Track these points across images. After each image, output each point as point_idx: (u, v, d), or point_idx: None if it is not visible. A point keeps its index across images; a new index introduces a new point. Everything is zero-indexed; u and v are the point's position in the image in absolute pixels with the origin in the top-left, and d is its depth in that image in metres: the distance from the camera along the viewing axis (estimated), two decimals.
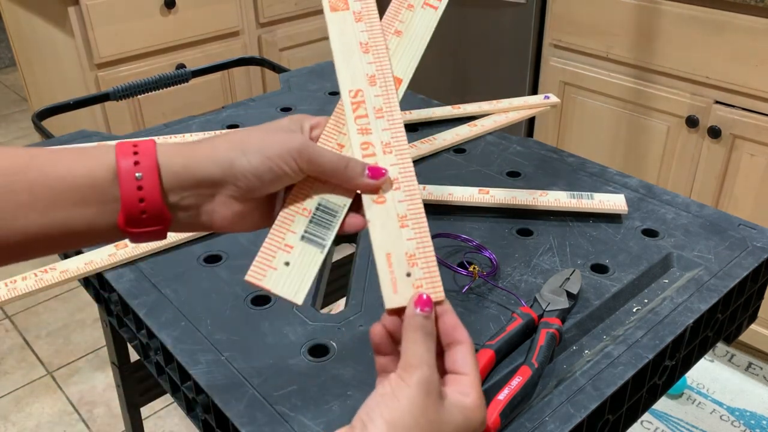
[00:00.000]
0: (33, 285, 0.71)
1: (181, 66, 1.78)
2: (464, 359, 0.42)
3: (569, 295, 0.67)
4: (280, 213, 0.44)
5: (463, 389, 0.41)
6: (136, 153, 0.42)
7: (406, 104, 1.11)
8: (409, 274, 0.42)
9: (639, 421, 1.54)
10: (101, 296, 0.77)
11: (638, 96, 1.61)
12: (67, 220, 0.41)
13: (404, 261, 0.42)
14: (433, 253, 0.42)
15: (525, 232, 0.79)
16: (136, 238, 0.43)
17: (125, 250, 0.75)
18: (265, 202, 0.46)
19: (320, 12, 2.04)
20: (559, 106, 1.77)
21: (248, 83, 1.96)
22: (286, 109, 1.11)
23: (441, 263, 0.73)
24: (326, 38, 1.99)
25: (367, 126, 0.46)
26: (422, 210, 0.43)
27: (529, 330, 0.63)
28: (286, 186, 0.46)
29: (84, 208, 0.41)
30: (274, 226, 0.44)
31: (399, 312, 0.42)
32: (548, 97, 1.07)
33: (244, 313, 0.67)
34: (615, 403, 0.59)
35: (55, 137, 1.03)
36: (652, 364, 0.61)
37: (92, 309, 1.95)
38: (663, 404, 1.60)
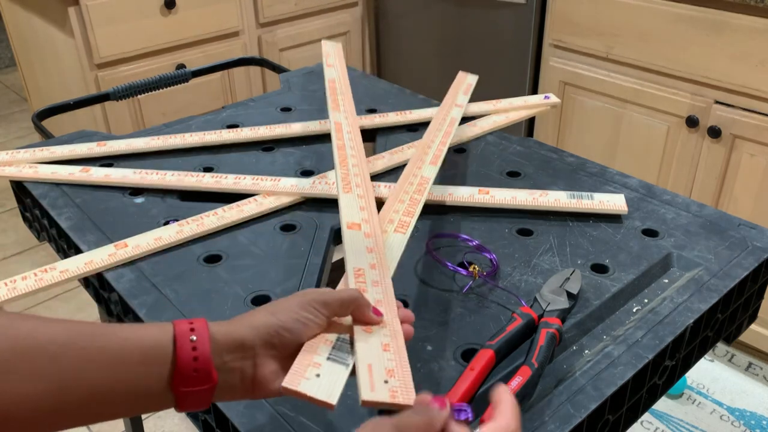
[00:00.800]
0: (33, 285, 0.71)
1: (181, 66, 1.78)
2: None
3: (569, 295, 0.67)
4: (306, 343, 0.51)
5: None
6: (191, 323, 0.48)
7: (406, 104, 1.11)
8: (386, 382, 0.48)
9: (639, 421, 1.54)
10: (101, 296, 0.77)
11: (638, 96, 1.61)
12: (129, 377, 0.46)
13: (383, 373, 0.49)
14: (409, 370, 0.49)
15: (525, 232, 0.79)
16: (183, 400, 0.47)
17: (125, 250, 0.75)
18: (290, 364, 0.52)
19: (320, 12, 2.04)
20: (559, 106, 1.77)
21: (248, 83, 1.96)
22: (286, 109, 1.11)
23: (441, 263, 0.73)
24: (326, 38, 1.98)
25: (364, 287, 0.60)
26: (402, 346, 0.52)
27: (529, 330, 0.63)
28: None
29: (146, 367, 0.46)
30: (301, 352, 0.50)
31: (372, 403, 0.47)
32: (548, 97, 1.07)
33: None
34: (615, 403, 0.59)
35: (55, 137, 1.03)
36: (652, 364, 0.61)
37: (92, 309, 1.95)
38: (663, 404, 1.60)
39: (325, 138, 1.02)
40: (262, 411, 0.56)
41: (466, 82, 1.11)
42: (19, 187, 0.93)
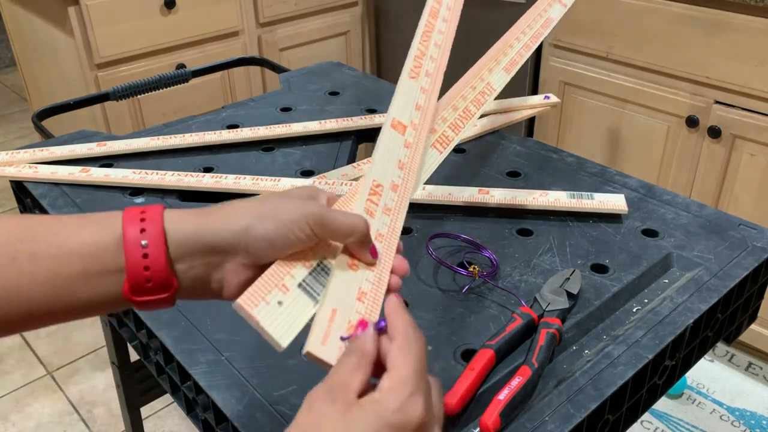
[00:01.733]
0: None
1: (181, 66, 1.78)
2: (390, 359, 0.40)
3: (569, 295, 0.67)
4: (284, 258, 0.44)
5: (381, 385, 0.39)
6: (143, 220, 0.42)
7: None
8: (342, 339, 0.43)
9: (639, 421, 1.54)
10: None
11: (638, 96, 1.61)
12: (70, 290, 0.41)
13: (344, 326, 0.43)
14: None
15: (525, 232, 0.79)
16: (141, 306, 0.42)
17: None
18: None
19: (320, 12, 2.04)
20: (559, 106, 1.77)
21: (248, 83, 1.96)
22: (286, 109, 1.11)
23: (441, 263, 0.73)
24: (326, 38, 1.97)
25: (374, 210, 0.51)
26: (380, 300, 0.46)
27: (529, 330, 0.63)
28: None
29: (87, 277, 0.41)
30: (275, 265, 0.44)
31: (315, 359, 0.42)
32: (548, 98, 1.07)
33: None
34: (615, 403, 0.59)
35: (55, 137, 1.03)
36: (652, 364, 0.61)
37: None
38: (663, 404, 1.60)
39: (325, 138, 1.02)
40: (262, 411, 0.56)
41: None
42: (19, 187, 0.93)
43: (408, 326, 0.41)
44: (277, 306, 0.42)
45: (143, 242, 0.41)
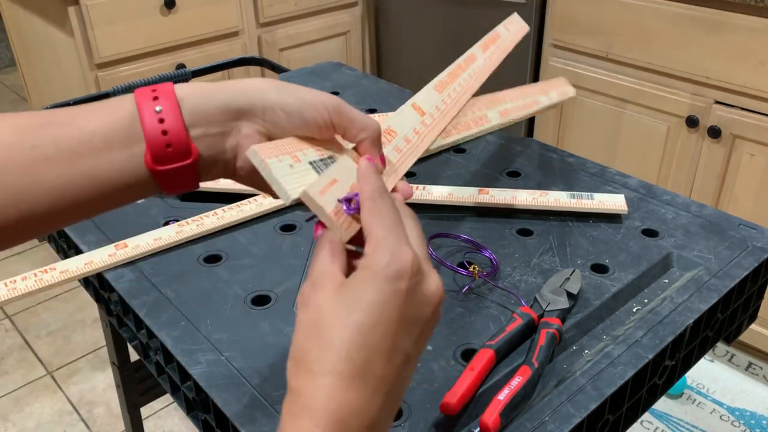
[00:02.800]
0: (33, 285, 0.71)
1: (181, 66, 1.78)
2: (365, 227, 0.39)
3: (569, 295, 0.67)
4: (299, 137, 0.44)
5: (365, 252, 0.38)
6: (154, 91, 0.42)
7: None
8: (339, 200, 0.41)
9: (639, 421, 1.54)
10: (101, 296, 0.77)
11: (638, 96, 1.61)
12: (94, 169, 0.40)
13: (345, 190, 0.42)
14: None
15: (525, 232, 0.79)
16: (167, 180, 0.42)
17: (125, 250, 0.75)
18: None
19: (320, 12, 2.04)
20: (559, 106, 1.77)
21: None
22: None
23: (441, 263, 0.73)
24: (326, 38, 1.98)
25: (385, 143, 0.50)
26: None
27: (529, 330, 0.63)
28: None
29: (110, 153, 0.40)
30: (290, 138, 0.44)
31: (310, 202, 0.40)
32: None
33: (244, 313, 0.67)
34: (615, 403, 0.59)
35: None
36: (652, 364, 0.61)
37: (92, 309, 1.95)
38: (663, 404, 1.60)
39: None
40: (262, 411, 0.56)
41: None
42: None
43: (374, 191, 0.41)
44: (288, 167, 0.42)
45: (157, 108, 0.41)
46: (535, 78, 1.83)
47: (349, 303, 0.36)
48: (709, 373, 1.68)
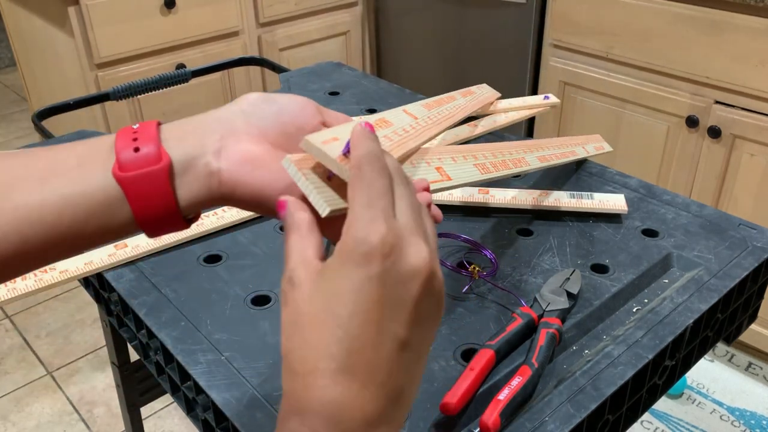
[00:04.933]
0: (33, 285, 0.71)
1: (181, 66, 1.78)
2: (348, 199, 0.35)
3: (569, 295, 0.67)
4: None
5: (342, 231, 0.34)
6: (135, 132, 0.40)
7: (406, 104, 1.10)
8: (346, 155, 0.39)
9: (639, 421, 1.54)
10: (101, 296, 0.77)
11: (638, 96, 1.61)
12: (64, 187, 0.38)
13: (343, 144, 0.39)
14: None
15: (525, 232, 0.79)
16: (137, 193, 0.38)
17: (125, 250, 0.75)
18: (279, 156, 0.41)
19: (320, 12, 2.04)
20: (559, 106, 1.77)
21: (248, 83, 1.96)
22: None
23: (441, 263, 0.73)
24: (326, 38, 1.98)
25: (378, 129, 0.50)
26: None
27: (529, 330, 0.63)
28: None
29: (81, 169, 0.38)
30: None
31: (312, 149, 0.38)
32: (548, 98, 1.07)
33: (244, 313, 0.67)
34: (615, 403, 0.59)
35: (55, 137, 1.03)
36: (652, 364, 0.61)
37: (92, 309, 1.96)
38: (663, 404, 1.60)
39: None
40: (262, 411, 0.56)
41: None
42: None
43: (363, 157, 0.36)
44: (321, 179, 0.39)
45: (134, 126, 0.40)
46: (535, 78, 1.83)
47: (324, 296, 0.33)
48: (709, 373, 1.68)
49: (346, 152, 0.38)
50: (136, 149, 0.38)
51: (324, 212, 0.37)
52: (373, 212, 0.34)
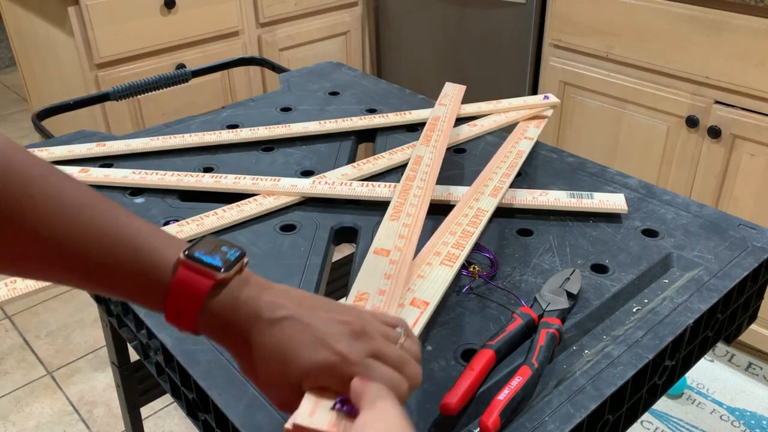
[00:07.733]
0: (33, 285, 0.71)
1: (181, 66, 1.78)
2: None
3: (569, 295, 0.67)
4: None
5: None
6: (191, 279, 0.46)
7: (406, 104, 1.11)
8: (333, 408, 0.43)
9: (639, 421, 1.54)
10: (101, 296, 0.77)
11: (638, 96, 1.61)
12: (124, 272, 0.46)
13: (331, 401, 0.44)
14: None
15: (525, 232, 0.79)
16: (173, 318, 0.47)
17: None
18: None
19: (320, 12, 2.04)
20: (559, 106, 1.77)
21: (248, 83, 1.96)
22: (286, 109, 1.11)
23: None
24: (326, 38, 1.98)
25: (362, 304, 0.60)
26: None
27: (529, 330, 0.63)
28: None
29: (136, 279, 0.46)
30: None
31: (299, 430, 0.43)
32: (548, 97, 1.07)
33: None
34: (615, 403, 0.59)
35: (55, 137, 1.03)
36: (652, 364, 0.61)
37: (92, 309, 1.96)
38: (663, 404, 1.60)
39: (325, 138, 1.02)
40: (262, 411, 0.56)
41: (535, 112, 1.04)
42: None
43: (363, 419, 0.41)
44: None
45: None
46: (535, 78, 1.83)
47: None
48: (709, 373, 1.68)
49: (338, 401, 0.43)
50: (179, 316, 0.46)
51: None
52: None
